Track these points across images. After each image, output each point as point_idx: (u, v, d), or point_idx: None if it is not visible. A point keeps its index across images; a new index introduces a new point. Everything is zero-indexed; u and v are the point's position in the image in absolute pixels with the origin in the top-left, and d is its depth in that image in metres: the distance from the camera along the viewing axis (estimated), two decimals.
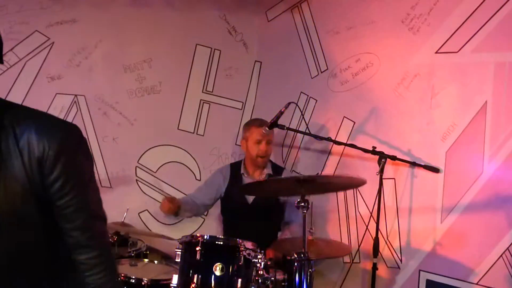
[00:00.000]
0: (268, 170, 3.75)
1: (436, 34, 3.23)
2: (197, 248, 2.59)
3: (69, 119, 3.92)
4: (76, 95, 3.95)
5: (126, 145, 4.08)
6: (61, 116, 3.89)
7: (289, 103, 3.49)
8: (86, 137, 3.85)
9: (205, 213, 4.20)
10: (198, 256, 2.58)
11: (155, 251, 3.93)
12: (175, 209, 3.66)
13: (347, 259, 3.68)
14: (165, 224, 4.16)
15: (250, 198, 3.67)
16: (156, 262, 3.40)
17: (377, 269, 3.22)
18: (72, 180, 1.46)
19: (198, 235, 2.67)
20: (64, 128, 1.49)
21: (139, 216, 4.10)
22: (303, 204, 2.51)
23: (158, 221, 4.15)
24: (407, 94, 3.37)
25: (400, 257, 3.37)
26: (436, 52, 3.23)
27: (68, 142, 1.46)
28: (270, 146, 3.70)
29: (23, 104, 3.68)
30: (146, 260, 3.42)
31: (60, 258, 1.56)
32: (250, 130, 3.72)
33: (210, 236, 2.67)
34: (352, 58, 3.73)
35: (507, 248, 2.84)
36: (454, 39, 3.13)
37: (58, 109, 3.88)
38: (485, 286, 2.94)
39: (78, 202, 1.49)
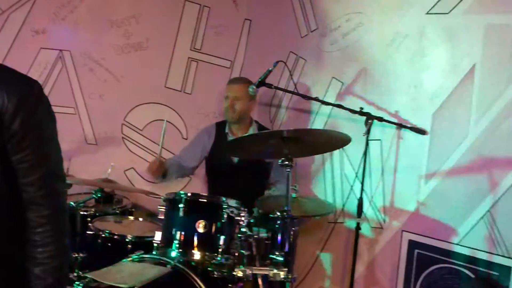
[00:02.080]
0: (253, 130, 3.74)
1: None
2: (180, 205, 2.59)
3: (54, 75, 3.87)
4: (61, 50, 3.88)
5: (113, 102, 4.04)
6: (46, 72, 3.84)
7: (278, 62, 3.45)
8: (72, 93, 3.90)
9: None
10: (181, 213, 2.59)
11: (141, 209, 3.96)
12: (162, 171, 3.66)
13: (331, 218, 3.70)
14: (151, 182, 4.15)
15: (235, 158, 3.66)
16: (141, 219, 3.42)
17: (360, 229, 3.25)
18: (30, 135, 1.45)
19: (181, 192, 2.67)
20: (25, 83, 1.47)
21: (125, 174, 4.09)
22: (287, 162, 2.50)
23: (144, 179, 4.15)
24: (397, 55, 3.33)
25: (383, 218, 3.40)
26: (427, 13, 3.18)
27: (28, 97, 1.44)
28: (240, 103, 3.66)
29: (6, 58, 3.66)
30: (131, 217, 3.44)
31: (16, 216, 1.52)
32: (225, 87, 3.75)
33: (193, 194, 2.68)
34: (343, 18, 3.67)
35: (488, 210, 2.87)
36: None
37: (42, 65, 3.82)
38: (466, 247, 2.98)
39: (36, 158, 1.48)
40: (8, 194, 1.49)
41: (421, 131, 3.19)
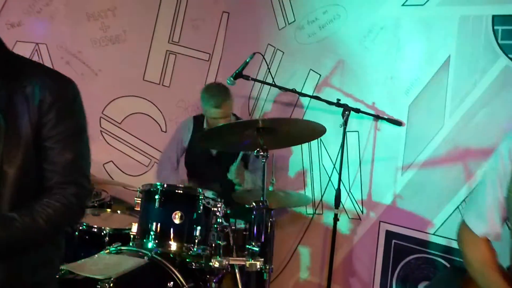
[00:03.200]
0: None
1: None
2: (156, 197, 2.58)
3: None
4: (37, 43, 3.84)
5: (90, 95, 3.89)
6: None
7: (254, 53, 3.46)
8: None
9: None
10: (157, 205, 2.58)
11: (120, 202, 3.94)
12: None
13: (310, 210, 3.72)
14: (130, 175, 4.14)
15: (214, 150, 3.65)
16: (119, 212, 3.41)
17: (338, 220, 3.27)
18: (62, 125, 1.61)
19: (157, 183, 2.66)
20: (64, 81, 1.68)
21: (104, 167, 4.07)
22: (262, 153, 2.50)
23: (123, 172, 4.13)
24: (373, 47, 3.36)
25: (361, 209, 3.43)
26: (403, 5, 3.21)
27: (66, 92, 1.65)
28: (227, 118, 3.56)
29: None
30: (109, 210, 3.43)
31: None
32: (207, 108, 3.57)
33: (169, 185, 2.67)
34: (320, 10, 3.68)
35: (463, 200, 2.91)
36: None
37: None
38: (442, 237, 3.02)
39: (64, 146, 1.62)
40: (35, 176, 1.61)
41: (398, 123, 3.22)
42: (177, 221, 2.58)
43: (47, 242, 1.69)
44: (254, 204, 2.48)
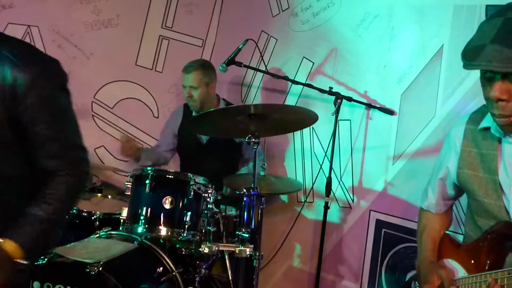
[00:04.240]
0: None
1: None
2: (147, 181, 2.58)
3: None
4: (29, 26, 3.80)
5: (82, 79, 3.96)
6: None
7: (247, 40, 3.45)
8: None
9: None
10: (147, 189, 2.58)
11: (111, 187, 3.93)
12: (134, 148, 3.66)
13: (300, 198, 3.72)
14: (122, 160, 4.12)
15: (204, 138, 3.64)
16: (110, 197, 3.40)
17: (329, 208, 3.28)
18: (44, 110, 1.54)
19: (148, 168, 2.66)
20: (40, 61, 1.58)
21: (95, 152, 4.04)
22: (254, 140, 2.49)
23: (114, 157, 4.11)
24: (366, 35, 3.35)
25: (352, 197, 3.44)
26: None
27: (42, 74, 1.53)
28: (197, 92, 3.57)
29: None
30: (100, 195, 3.42)
31: (29, 180, 1.64)
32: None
33: (159, 170, 2.67)
34: None
35: None
36: None
37: None
38: None
39: (51, 132, 1.57)
40: (24, 163, 1.61)
41: (390, 112, 3.22)
42: (167, 206, 2.58)
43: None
44: (244, 190, 2.48)
